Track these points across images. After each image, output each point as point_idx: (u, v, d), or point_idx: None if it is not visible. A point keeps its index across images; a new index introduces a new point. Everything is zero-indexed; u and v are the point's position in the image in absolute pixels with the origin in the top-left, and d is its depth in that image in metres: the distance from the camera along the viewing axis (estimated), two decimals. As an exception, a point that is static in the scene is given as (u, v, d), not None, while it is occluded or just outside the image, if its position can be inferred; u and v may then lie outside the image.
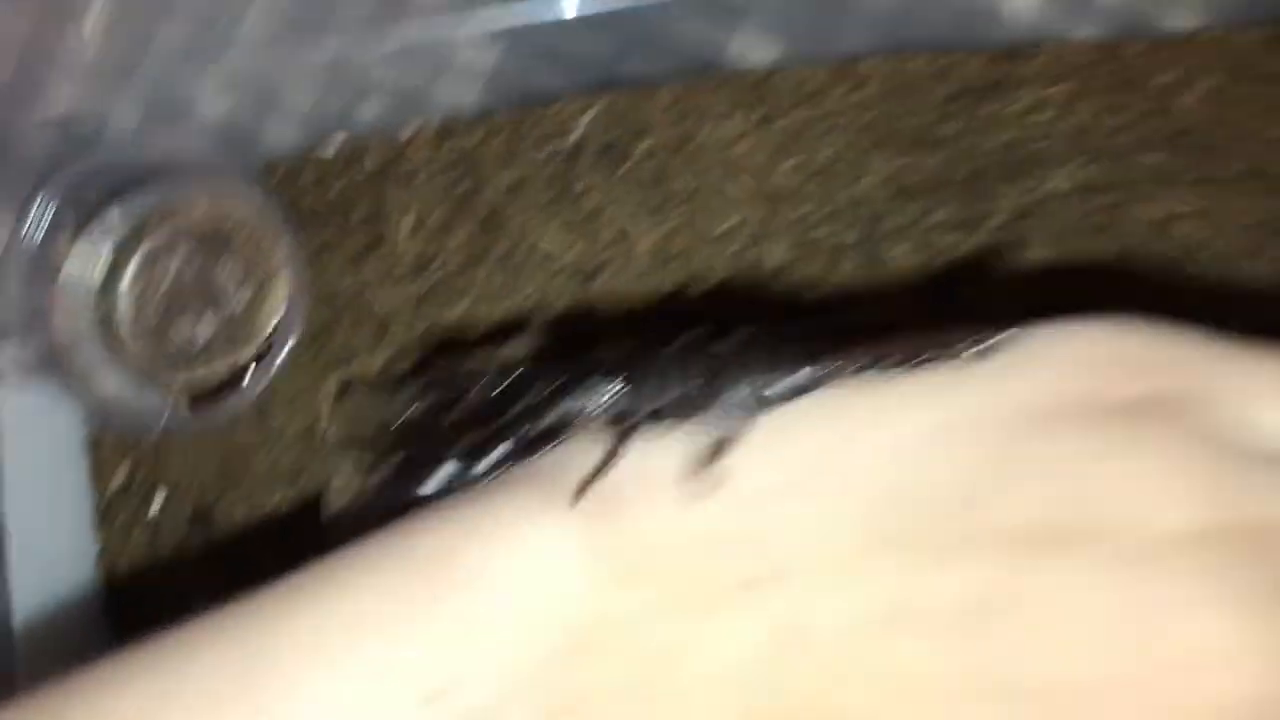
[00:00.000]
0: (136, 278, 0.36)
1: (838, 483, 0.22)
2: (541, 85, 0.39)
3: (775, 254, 0.37)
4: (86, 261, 0.35)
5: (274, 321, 0.36)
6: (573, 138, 0.38)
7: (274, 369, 0.36)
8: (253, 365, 0.36)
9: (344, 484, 0.30)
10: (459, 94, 0.39)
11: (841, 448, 0.23)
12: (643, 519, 0.22)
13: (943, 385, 0.23)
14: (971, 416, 0.22)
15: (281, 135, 0.38)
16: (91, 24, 0.36)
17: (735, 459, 0.23)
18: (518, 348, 0.35)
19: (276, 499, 0.36)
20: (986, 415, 0.22)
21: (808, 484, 0.22)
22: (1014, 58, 0.39)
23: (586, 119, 0.38)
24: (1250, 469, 0.22)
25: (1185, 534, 0.21)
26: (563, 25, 0.38)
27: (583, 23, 0.38)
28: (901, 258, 0.37)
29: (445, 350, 0.36)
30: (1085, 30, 0.39)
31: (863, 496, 0.22)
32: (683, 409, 0.24)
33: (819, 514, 0.22)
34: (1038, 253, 0.37)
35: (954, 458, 0.22)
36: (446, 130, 0.38)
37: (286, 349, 0.36)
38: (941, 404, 0.23)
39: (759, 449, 0.23)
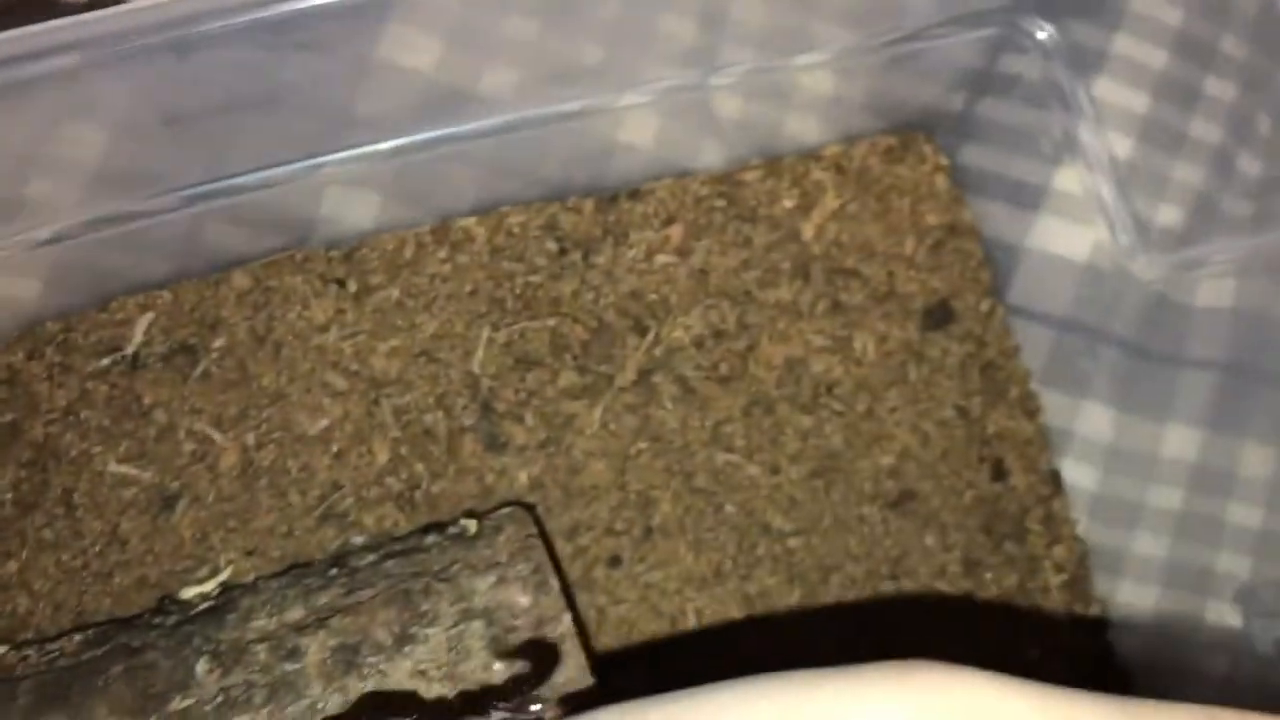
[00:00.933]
0: None
1: None
2: (106, 276, 0.33)
3: (383, 451, 0.33)
4: None
5: None
6: (132, 346, 0.33)
7: None
8: None
9: None
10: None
11: None
12: None
13: None
14: None
15: None
16: None
17: None
18: None
19: None
20: None
21: None
22: (622, 200, 0.36)
23: (145, 321, 0.33)
24: None
25: None
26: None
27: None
28: (523, 434, 0.34)
29: None
30: (707, 158, 0.37)
31: None
32: None
33: None
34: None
35: None
36: (-20, 350, 0.33)
37: None
38: None
39: None
